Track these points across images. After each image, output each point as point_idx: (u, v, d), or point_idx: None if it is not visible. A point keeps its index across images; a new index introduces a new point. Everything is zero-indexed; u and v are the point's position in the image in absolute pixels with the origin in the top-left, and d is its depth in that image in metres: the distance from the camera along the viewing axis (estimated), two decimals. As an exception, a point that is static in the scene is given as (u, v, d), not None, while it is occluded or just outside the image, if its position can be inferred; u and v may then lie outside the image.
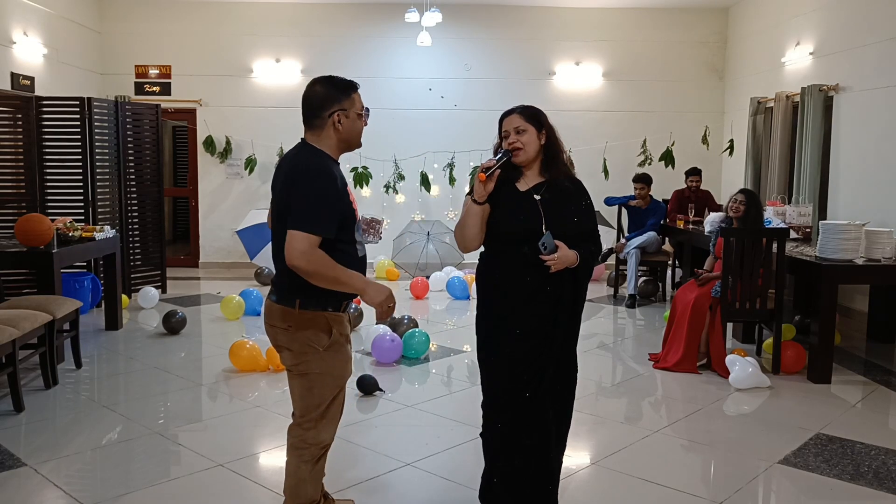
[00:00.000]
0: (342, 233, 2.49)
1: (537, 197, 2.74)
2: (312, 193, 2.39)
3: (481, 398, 2.83)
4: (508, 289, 2.73)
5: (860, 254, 4.92)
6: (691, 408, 4.40)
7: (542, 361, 2.75)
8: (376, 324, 2.58)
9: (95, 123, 6.95)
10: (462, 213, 2.76)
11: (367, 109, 2.65)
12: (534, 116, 2.77)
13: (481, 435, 2.85)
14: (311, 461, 2.63)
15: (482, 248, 2.82)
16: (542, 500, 2.81)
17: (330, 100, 2.53)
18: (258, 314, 6.63)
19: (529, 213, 2.71)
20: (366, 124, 2.66)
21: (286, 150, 2.94)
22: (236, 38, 9.39)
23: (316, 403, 2.58)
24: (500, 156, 2.71)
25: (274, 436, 3.84)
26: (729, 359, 4.83)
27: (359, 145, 2.68)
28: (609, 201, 7.98)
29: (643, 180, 7.68)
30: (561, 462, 2.92)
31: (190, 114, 9.51)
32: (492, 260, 2.80)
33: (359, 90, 2.63)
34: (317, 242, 2.36)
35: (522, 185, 2.78)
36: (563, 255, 2.66)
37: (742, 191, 5.38)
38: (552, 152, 2.83)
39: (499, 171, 2.67)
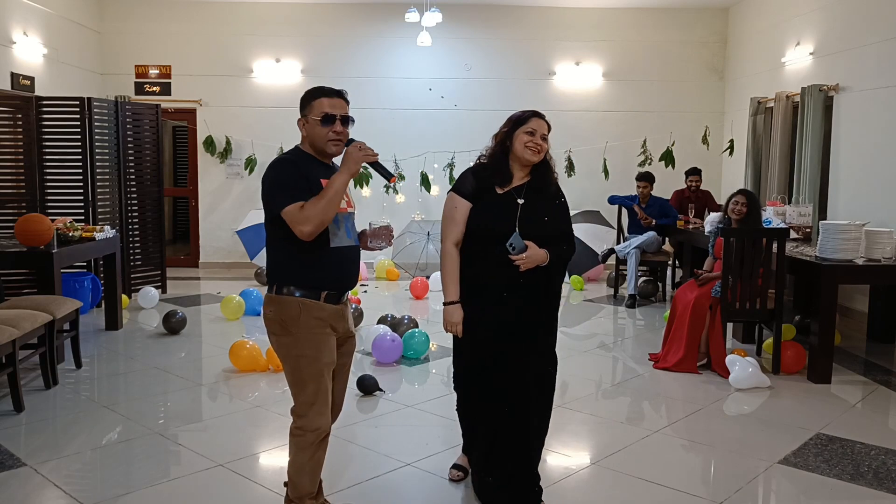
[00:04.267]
0: None
1: (520, 201, 2.94)
2: (271, 179, 2.62)
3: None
4: (484, 284, 2.92)
5: (860, 254, 4.92)
6: (691, 408, 4.40)
7: (515, 353, 2.92)
8: (370, 164, 2.63)
9: (95, 123, 6.95)
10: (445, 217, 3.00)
11: (327, 116, 2.65)
12: (548, 130, 3.01)
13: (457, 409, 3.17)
14: (308, 448, 2.68)
15: (462, 245, 2.99)
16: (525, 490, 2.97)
17: (301, 106, 2.74)
18: (258, 314, 6.63)
19: (506, 215, 2.90)
20: (335, 132, 2.67)
21: (286, 149, 2.96)
22: (236, 38, 9.39)
23: (300, 388, 2.67)
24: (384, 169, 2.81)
25: (274, 436, 3.84)
26: (729, 359, 4.83)
27: (326, 151, 2.71)
28: (612, 200, 7.98)
29: (646, 178, 7.68)
30: (539, 455, 3.07)
31: (190, 114, 9.51)
32: (469, 257, 2.96)
33: (324, 97, 2.68)
34: (298, 208, 2.54)
35: (502, 189, 2.96)
36: (532, 255, 2.83)
37: (741, 191, 5.37)
38: (545, 165, 3.02)
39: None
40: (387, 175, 2.79)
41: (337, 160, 2.77)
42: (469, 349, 3.01)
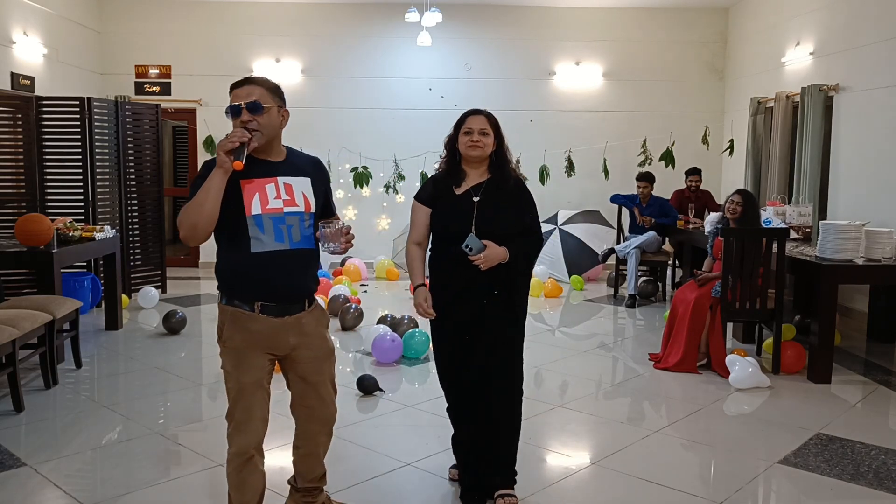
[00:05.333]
0: (226, 224, 2.42)
1: (476, 199, 2.98)
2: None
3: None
4: (446, 283, 3.02)
5: (860, 254, 4.92)
6: (691, 408, 4.40)
7: (478, 350, 2.99)
8: (246, 139, 2.35)
9: (95, 123, 6.94)
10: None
11: (234, 107, 2.43)
12: (495, 124, 3.04)
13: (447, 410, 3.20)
14: (229, 463, 2.56)
15: (430, 247, 3.11)
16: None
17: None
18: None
19: (462, 215, 2.96)
20: (244, 119, 2.41)
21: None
22: (236, 38, 9.39)
23: (228, 398, 2.55)
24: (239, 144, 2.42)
25: (273, 436, 3.81)
26: (729, 359, 4.83)
27: (243, 144, 2.41)
28: (614, 199, 7.98)
29: (646, 178, 7.68)
30: (511, 451, 3.12)
31: (190, 114, 9.51)
32: (436, 257, 3.09)
33: (236, 89, 2.46)
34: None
35: (461, 189, 3.02)
36: (490, 254, 2.88)
37: (738, 191, 5.37)
38: (503, 157, 3.06)
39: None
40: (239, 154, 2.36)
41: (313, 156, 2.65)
42: (436, 346, 3.14)
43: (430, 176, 3.16)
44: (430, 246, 3.15)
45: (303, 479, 2.85)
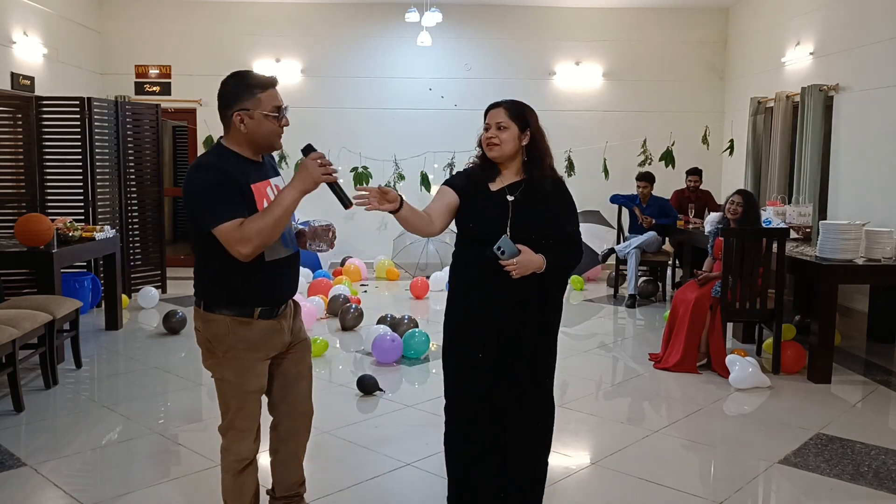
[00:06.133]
0: None
1: (510, 198, 2.60)
2: (198, 190, 2.30)
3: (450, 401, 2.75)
4: (472, 291, 2.61)
5: (860, 254, 4.92)
6: (691, 408, 4.40)
7: (500, 374, 2.59)
8: (328, 184, 2.30)
9: (95, 123, 6.94)
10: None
11: (283, 108, 2.39)
12: (519, 114, 2.65)
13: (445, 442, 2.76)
14: (230, 472, 2.53)
15: (454, 248, 2.75)
16: None
17: (234, 98, 2.36)
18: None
19: (497, 215, 2.58)
20: (286, 124, 2.42)
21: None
22: (236, 38, 9.39)
23: (222, 410, 2.50)
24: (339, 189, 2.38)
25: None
26: (729, 359, 4.83)
27: (274, 147, 2.46)
28: (614, 199, 7.98)
29: (646, 178, 7.68)
30: (537, 492, 2.76)
31: (190, 114, 9.51)
32: (460, 260, 2.70)
33: (271, 88, 2.39)
34: (236, 225, 2.25)
35: (496, 185, 2.65)
36: (524, 260, 2.48)
37: (739, 192, 5.38)
38: (535, 154, 2.65)
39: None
40: (344, 201, 2.37)
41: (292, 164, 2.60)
42: (448, 363, 2.70)
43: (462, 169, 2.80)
44: (453, 249, 2.79)
45: (282, 487, 2.75)
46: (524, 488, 2.70)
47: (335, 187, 2.36)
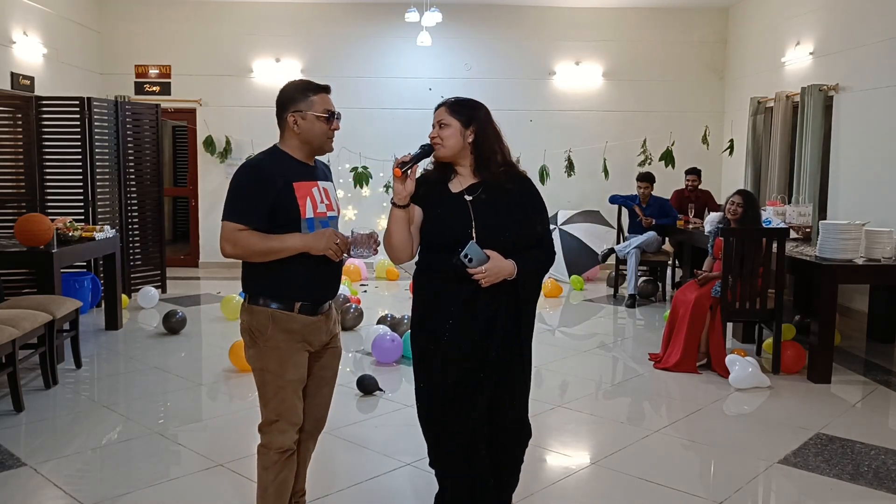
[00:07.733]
0: (281, 229, 2.46)
1: (468, 198, 2.43)
2: (232, 185, 2.49)
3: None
4: (440, 304, 2.43)
5: (860, 254, 4.92)
6: (691, 408, 4.40)
7: (475, 392, 2.44)
8: (336, 260, 2.44)
9: (95, 123, 6.95)
10: (388, 221, 2.50)
11: (335, 114, 2.55)
12: (460, 109, 2.51)
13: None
14: (271, 467, 2.54)
15: (416, 258, 2.55)
16: None
17: (290, 100, 2.55)
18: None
19: (459, 219, 2.41)
20: (336, 128, 2.57)
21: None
22: (236, 38, 9.39)
23: (262, 403, 2.56)
24: (418, 150, 2.48)
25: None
26: (729, 359, 4.83)
27: (325, 149, 2.60)
28: (613, 199, 7.98)
29: (646, 178, 7.68)
30: None
31: (190, 114, 9.51)
32: (423, 271, 2.53)
33: (323, 93, 2.56)
34: (236, 229, 2.42)
35: (455, 187, 2.49)
36: (494, 267, 2.32)
37: (739, 192, 5.38)
38: (481, 152, 2.47)
39: (416, 166, 2.42)
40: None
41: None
42: (423, 382, 2.53)
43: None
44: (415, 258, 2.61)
45: None
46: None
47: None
